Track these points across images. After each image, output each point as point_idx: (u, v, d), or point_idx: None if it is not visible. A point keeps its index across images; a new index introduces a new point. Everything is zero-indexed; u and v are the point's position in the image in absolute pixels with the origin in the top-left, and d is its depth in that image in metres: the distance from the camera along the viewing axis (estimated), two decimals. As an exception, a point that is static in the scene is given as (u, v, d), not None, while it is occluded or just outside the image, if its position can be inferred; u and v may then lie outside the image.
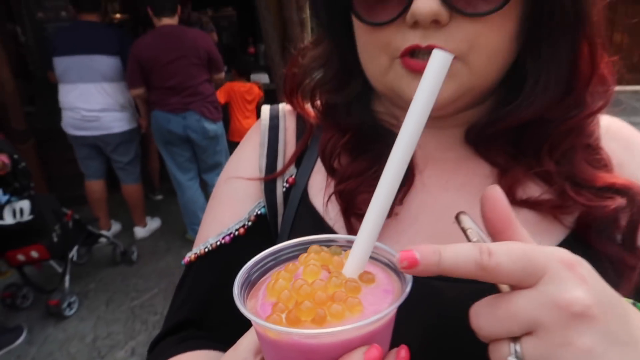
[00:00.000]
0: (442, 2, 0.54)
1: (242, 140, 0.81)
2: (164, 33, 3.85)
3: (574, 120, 0.63)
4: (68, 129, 4.19)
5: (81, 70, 4.02)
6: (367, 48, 0.63)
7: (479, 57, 0.57)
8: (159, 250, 4.58)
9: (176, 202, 5.06)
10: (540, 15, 0.57)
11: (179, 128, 3.97)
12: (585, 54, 0.61)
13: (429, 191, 0.67)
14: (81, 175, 4.46)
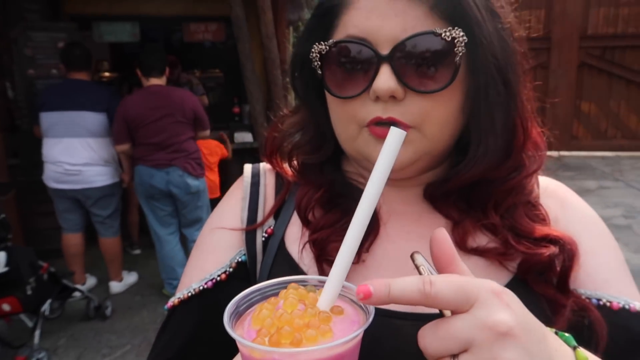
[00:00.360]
0: (398, 81, 0.64)
1: (225, 195, 0.90)
2: (151, 92, 4.03)
3: (514, 180, 0.74)
4: (49, 182, 4.23)
5: (67, 126, 4.12)
6: (338, 117, 0.73)
7: (431, 127, 0.67)
8: (134, 305, 4.51)
9: (154, 257, 5.02)
10: (478, 92, 0.68)
11: (161, 183, 4.07)
12: (518, 125, 0.72)
13: (393, 241, 0.76)
14: (59, 229, 4.45)
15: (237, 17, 5.01)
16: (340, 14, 0.69)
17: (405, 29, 0.64)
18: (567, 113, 10.83)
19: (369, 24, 0.65)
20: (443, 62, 0.64)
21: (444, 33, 0.63)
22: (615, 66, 10.60)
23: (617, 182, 8.38)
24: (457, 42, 0.63)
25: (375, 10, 0.65)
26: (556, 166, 3.82)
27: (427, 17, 0.64)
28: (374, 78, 0.65)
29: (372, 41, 0.65)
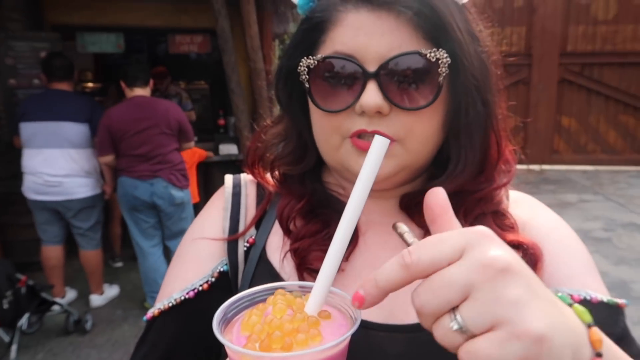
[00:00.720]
0: (384, 97, 0.67)
1: (206, 205, 0.90)
2: (136, 103, 4.01)
3: (484, 191, 0.77)
4: (28, 194, 4.16)
5: (48, 136, 4.07)
6: (322, 129, 0.74)
7: (413, 142, 0.70)
8: (115, 319, 4.44)
9: (136, 270, 4.95)
10: (459, 111, 0.71)
11: (145, 194, 4.03)
12: (493, 143, 0.76)
13: (371, 250, 0.78)
14: (39, 241, 4.37)
15: (222, 29, 5.02)
16: (327, 30, 0.72)
17: (391, 48, 0.67)
18: (548, 127, 11.03)
19: (356, 42, 0.68)
20: (427, 81, 0.67)
21: (429, 54, 0.66)
22: (594, 82, 10.85)
23: (597, 196, 8.53)
24: (441, 63, 0.66)
25: (363, 28, 0.68)
26: (538, 180, 3.95)
27: (412, 38, 0.67)
28: (361, 93, 0.67)
29: (359, 58, 0.68)
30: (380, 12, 0.67)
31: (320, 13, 0.72)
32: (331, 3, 0.72)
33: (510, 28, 10.82)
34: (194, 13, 6.17)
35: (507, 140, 0.80)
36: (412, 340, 0.69)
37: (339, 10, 0.70)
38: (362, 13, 0.68)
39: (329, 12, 0.71)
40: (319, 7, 0.74)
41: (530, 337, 0.39)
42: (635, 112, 10.88)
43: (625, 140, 11.01)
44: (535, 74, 10.85)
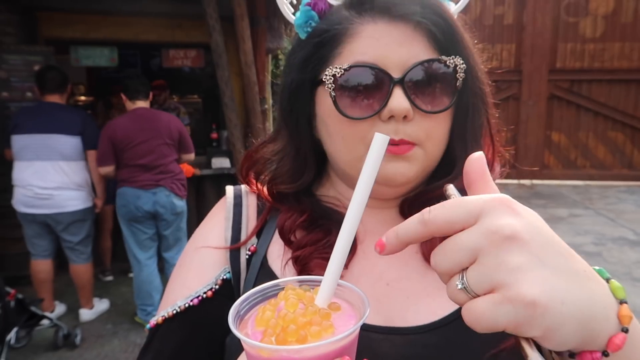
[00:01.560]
0: (410, 102, 0.70)
1: (208, 215, 0.92)
2: (139, 114, 4.14)
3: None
4: (18, 206, 4.13)
5: (39, 149, 4.06)
6: (345, 139, 0.75)
7: (432, 145, 0.75)
8: (105, 333, 4.39)
9: (127, 284, 4.91)
10: (466, 114, 0.77)
11: (148, 204, 4.10)
12: (488, 144, 0.82)
13: (368, 259, 0.80)
14: (29, 254, 4.33)
15: (216, 44, 5.06)
16: (344, 43, 0.74)
17: (410, 57, 0.71)
18: (538, 143, 11.16)
19: (377, 51, 0.71)
20: (445, 86, 0.72)
21: (449, 60, 0.72)
22: (583, 98, 11.01)
23: (587, 210, 8.61)
24: (459, 69, 0.72)
25: (381, 39, 0.72)
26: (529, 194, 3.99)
27: (427, 47, 0.72)
28: (388, 99, 0.70)
29: (383, 66, 0.71)
30: (397, 23, 0.71)
31: (336, 26, 0.75)
32: (345, 17, 0.75)
33: (501, 45, 11.00)
34: (188, 28, 6.21)
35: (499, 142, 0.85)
36: (409, 342, 0.71)
37: (356, 22, 0.73)
38: (379, 24, 0.72)
39: (344, 25, 0.74)
40: (333, 21, 0.76)
41: (522, 302, 0.41)
42: (623, 128, 11.04)
43: (614, 155, 11.15)
44: (525, 90, 11.00)
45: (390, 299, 0.75)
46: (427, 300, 0.74)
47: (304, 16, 0.79)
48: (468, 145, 0.77)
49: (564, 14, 10.86)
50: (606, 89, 10.94)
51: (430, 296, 0.75)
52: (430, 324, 0.72)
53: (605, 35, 10.82)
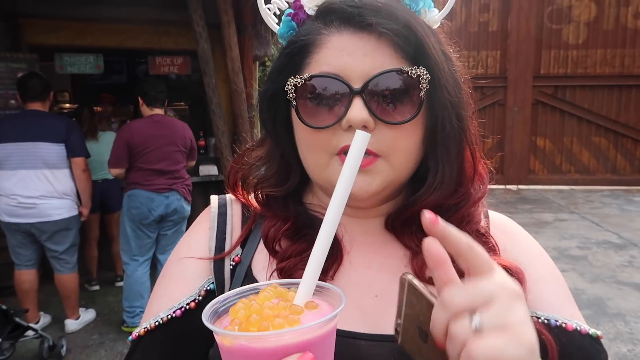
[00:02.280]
0: (370, 113, 0.70)
1: (192, 225, 0.91)
2: (156, 120, 4.29)
3: (463, 209, 0.79)
4: (2, 216, 4.06)
5: (23, 157, 4.00)
6: (308, 148, 0.76)
7: (397, 157, 0.73)
8: (91, 344, 4.32)
9: (113, 293, 4.85)
10: (436, 125, 0.74)
11: (161, 206, 4.26)
12: (468, 157, 0.79)
13: (355, 269, 0.79)
14: (13, 264, 4.26)
15: (203, 51, 5.06)
16: (312, 53, 0.75)
17: (374, 67, 0.70)
18: (524, 148, 11.28)
19: (341, 62, 0.71)
20: (409, 96, 0.71)
21: (411, 71, 0.70)
22: (566, 104, 11.18)
23: (572, 215, 8.71)
24: (422, 79, 0.71)
25: (346, 49, 0.72)
26: (515, 199, 4.03)
27: (392, 57, 0.71)
28: (347, 109, 0.70)
29: (345, 77, 0.71)
30: (362, 34, 0.71)
31: (304, 37, 0.76)
32: (314, 27, 0.75)
33: (486, 52, 11.13)
34: (174, 35, 6.19)
35: (480, 155, 0.83)
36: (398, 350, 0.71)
37: (323, 33, 0.74)
38: (344, 35, 0.72)
39: (312, 36, 0.75)
40: (302, 32, 0.77)
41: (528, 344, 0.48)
42: (606, 133, 11.21)
43: (598, 160, 11.31)
44: (510, 96, 11.13)
45: (379, 310, 0.75)
46: None
47: (286, 26, 0.81)
48: (439, 159, 0.76)
49: (548, 21, 11.02)
50: (589, 94, 11.12)
51: None
52: None
53: (587, 42, 11.01)
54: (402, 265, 0.79)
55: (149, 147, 4.17)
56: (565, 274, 5.75)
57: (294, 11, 0.80)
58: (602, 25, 10.95)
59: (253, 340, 0.48)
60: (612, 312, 4.82)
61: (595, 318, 4.66)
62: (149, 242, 4.40)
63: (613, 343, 4.25)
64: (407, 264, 0.79)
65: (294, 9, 0.80)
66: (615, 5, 10.92)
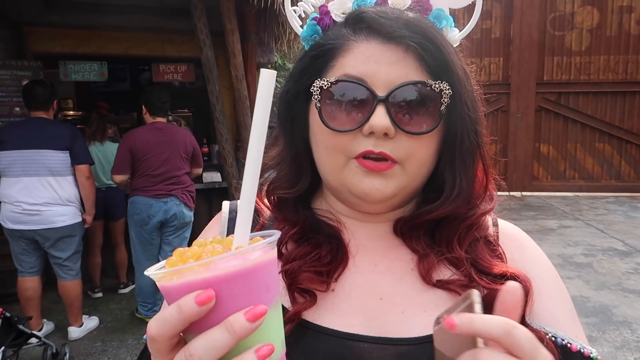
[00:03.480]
0: (391, 120, 0.72)
1: (204, 229, 0.93)
2: (157, 128, 4.42)
3: (473, 217, 0.81)
4: (5, 222, 4.07)
5: (26, 164, 4.02)
6: (327, 150, 0.77)
7: (412, 165, 0.75)
8: (94, 351, 4.32)
9: (116, 300, 4.85)
10: (454, 139, 0.77)
11: (159, 212, 4.38)
12: (481, 170, 0.82)
13: (360, 272, 0.80)
14: (16, 271, 4.25)
15: (207, 59, 5.08)
16: (337, 57, 0.77)
17: (398, 77, 0.73)
18: (527, 155, 11.25)
19: (367, 68, 0.74)
20: (430, 109, 0.74)
21: (434, 84, 0.73)
22: (570, 111, 11.15)
23: (576, 222, 8.67)
24: (444, 94, 0.73)
25: (373, 57, 0.74)
26: (519, 206, 4.01)
27: (417, 69, 0.73)
28: (370, 115, 0.72)
29: (369, 83, 0.73)
30: (390, 44, 0.73)
31: (332, 41, 0.78)
32: (342, 33, 0.78)
33: (489, 58, 11.13)
34: (178, 43, 6.23)
35: (492, 167, 0.85)
36: (401, 353, 0.71)
37: (351, 39, 0.76)
38: (372, 43, 0.74)
39: (340, 41, 0.77)
40: (330, 36, 0.79)
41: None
42: (610, 140, 11.17)
43: (602, 167, 11.27)
44: (513, 102, 11.12)
45: (383, 313, 0.75)
46: (424, 315, 0.74)
47: (310, 30, 0.83)
48: (456, 172, 0.78)
49: (550, 28, 11.03)
50: (593, 101, 11.10)
51: (427, 312, 0.75)
52: (426, 336, 0.71)
53: (590, 48, 11.00)
54: (409, 268, 0.80)
55: (150, 154, 4.30)
56: (570, 281, 5.74)
57: (320, 16, 0.82)
58: (604, 31, 10.95)
59: (163, 278, 0.48)
60: (618, 320, 4.78)
61: (601, 326, 4.62)
62: (152, 247, 4.53)
63: (620, 351, 4.21)
64: (414, 267, 0.80)
65: (320, 14, 0.82)
66: (618, 12, 10.92)
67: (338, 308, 0.76)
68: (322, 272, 0.76)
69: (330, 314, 0.75)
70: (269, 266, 0.51)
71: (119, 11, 5.53)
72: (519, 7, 10.89)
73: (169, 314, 0.47)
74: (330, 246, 0.79)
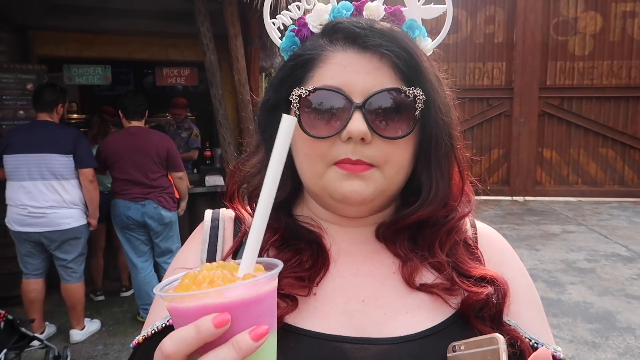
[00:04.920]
0: (368, 126, 0.74)
1: (188, 239, 0.94)
2: (131, 133, 4.50)
3: (452, 222, 0.85)
4: (11, 225, 4.10)
5: (31, 168, 4.05)
6: (307, 157, 0.80)
7: (390, 169, 0.78)
8: (96, 354, 4.32)
9: (118, 304, 4.85)
10: (429, 143, 0.80)
11: (137, 214, 4.48)
12: (456, 173, 0.86)
13: (342, 276, 0.82)
14: (19, 274, 4.27)
15: (210, 63, 5.09)
16: (316, 67, 0.79)
17: (375, 84, 0.76)
18: (530, 159, 11.23)
19: (344, 77, 0.76)
20: (405, 114, 0.76)
21: (408, 91, 0.76)
22: (573, 115, 11.14)
23: (580, 227, 8.64)
24: (418, 99, 0.76)
25: (350, 66, 0.77)
26: (522, 211, 4.01)
27: (392, 77, 0.77)
28: (348, 122, 0.74)
29: (347, 91, 0.76)
30: (365, 53, 0.76)
31: (309, 52, 0.81)
32: (320, 44, 0.80)
33: (492, 63, 11.13)
34: (181, 47, 6.25)
35: (468, 170, 0.89)
36: (383, 352, 0.73)
37: (328, 50, 0.79)
38: (349, 53, 0.77)
39: (317, 51, 0.80)
40: (307, 47, 0.82)
41: None
42: (614, 145, 11.15)
43: (605, 172, 11.24)
44: (516, 107, 11.11)
45: (365, 314, 0.77)
46: (406, 317, 0.77)
47: (289, 41, 0.86)
48: (433, 174, 0.81)
49: (554, 33, 11.03)
50: (596, 106, 11.08)
51: (409, 313, 0.77)
52: (407, 335, 0.74)
53: (593, 53, 10.99)
54: (391, 272, 0.82)
55: (121, 158, 4.42)
56: (573, 286, 5.72)
57: (298, 28, 0.85)
58: (608, 36, 10.94)
59: (176, 300, 0.52)
60: (621, 326, 4.76)
61: (604, 332, 4.60)
62: (139, 243, 4.62)
63: (623, 358, 4.19)
64: (396, 271, 0.82)
65: (297, 26, 0.85)
66: (621, 17, 10.91)
67: (320, 311, 0.77)
68: (304, 277, 0.77)
69: (312, 317, 0.76)
70: (272, 294, 0.56)
71: (123, 15, 5.56)
72: (522, 11, 10.90)
73: (186, 333, 0.50)
74: (311, 251, 0.81)
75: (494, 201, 10.62)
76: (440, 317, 0.78)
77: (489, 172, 11.20)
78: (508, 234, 7.66)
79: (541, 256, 6.97)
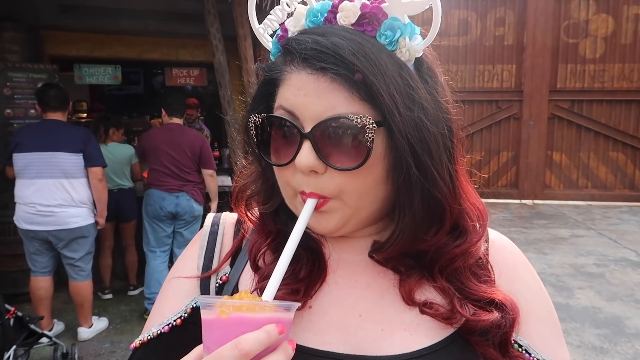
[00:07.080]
0: (317, 157, 0.68)
1: (187, 245, 0.94)
2: (170, 129, 4.88)
3: (459, 248, 0.76)
4: (20, 223, 4.13)
5: (41, 167, 4.07)
6: (278, 178, 0.78)
7: (349, 197, 0.71)
8: (103, 352, 4.34)
9: (126, 302, 4.88)
10: (394, 171, 0.71)
11: (171, 205, 4.76)
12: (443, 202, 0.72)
13: (340, 288, 0.78)
14: (28, 271, 4.31)
15: (219, 64, 5.11)
16: (278, 86, 0.75)
17: (326, 109, 0.68)
18: (540, 163, 11.17)
19: (297, 101, 0.70)
20: (357, 143, 0.68)
21: (355, 119, 0.66)
22: (583, 119, 11.06)
23: (589, 231, 8.57)
24: (367, 129, 0.67)
25: (303, 89, 0.70)
26: (530, 214, 3.99)
27: (347, 99, 0.68)
28: (297, 152, 0.70)
29: (299, 116, 0.70)
30: (317, 75, 0.68)
31: (273, 70, 0.75)
32: (281, 62, 0.74)
33: (501, 65, 11.08)
34: (191, 47, 6.29)
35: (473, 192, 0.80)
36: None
37: (286, 70, 0.72)
38: (302, 75, 0.70)
39: (279, 71, 0.74)
40: (274, 65, 0.76)
41: None
42: (624, 149, 11.06)
43: (615, 176, 11.15)
44: (526, 110, 11.05)
45: (362, 330, 0.74)
46: (404, 334, 0.73)
47: (275, 47, 0.80)
48: (400, 204, 0.72)
49: (564, 35, 10.96)
50: (606, 109, 10.99)
51: (407, 330, 0.73)
52: (404, 354, 0.71)
53: (605, 56, 10.91)
54: (391, 285, 0.77)
55: (161, 150, 4.73)
56: (581, 291, 5.68)
57: (281, 33, 0.78)
58: (619, 39, 10.85)
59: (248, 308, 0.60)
60: (630, 331, 4.71)
61: (612, 338, 4.56)
62: (165, 235, 4.89)
63: (631, 363, 4.15)
64: (396, 284, 0.77)
65: (281, 32, 0.79)
66: (633, 20, 10.82)
67: (315, 325, 0.75)
68: (298, 290, 0.75)
69: (307, 332, 0.74)
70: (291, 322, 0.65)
71: (133, 16, 5.60)
72: (533, 14, 10.84)
73: (261, 336, 0.58)
74: (308, 260, 0.78)
75: (503, 204, 10.57)
76: (440, 336, 0.74)
77: (497, 174, 11.15)
78: (516, 238, 7.61)
79: (549, 260, 6.93)
